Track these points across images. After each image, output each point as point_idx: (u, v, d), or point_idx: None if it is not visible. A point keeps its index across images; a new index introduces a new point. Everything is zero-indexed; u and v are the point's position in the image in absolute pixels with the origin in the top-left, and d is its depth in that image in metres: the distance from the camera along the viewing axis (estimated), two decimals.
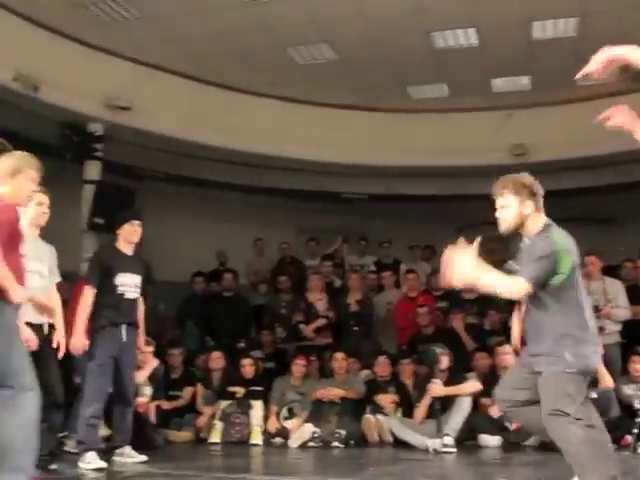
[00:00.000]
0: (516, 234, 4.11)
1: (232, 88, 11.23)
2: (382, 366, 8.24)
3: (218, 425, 7.98)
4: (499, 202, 4.10)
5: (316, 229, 11.98)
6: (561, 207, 12.40)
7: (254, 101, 11.34)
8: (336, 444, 7.50)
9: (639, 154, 10.96)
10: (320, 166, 11.67)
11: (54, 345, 5.52)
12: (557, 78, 11.31)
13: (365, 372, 8.57)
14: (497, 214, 4.12)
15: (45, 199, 5.60)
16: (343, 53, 10.83)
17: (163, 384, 8.22)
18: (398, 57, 10.85)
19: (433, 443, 7.11)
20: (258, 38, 10.17)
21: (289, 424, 8.06)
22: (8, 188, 4.18)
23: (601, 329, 7.87)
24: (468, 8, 9.66)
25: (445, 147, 11.09)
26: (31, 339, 4.93)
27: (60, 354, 5.56)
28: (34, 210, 5.49)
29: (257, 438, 7.83)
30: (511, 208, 4.06)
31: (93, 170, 10.45)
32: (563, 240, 3.97)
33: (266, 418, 8.10)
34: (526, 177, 4.16)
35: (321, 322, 9.33)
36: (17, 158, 4.28)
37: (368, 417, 7.77)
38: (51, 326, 5.62)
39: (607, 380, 7.34)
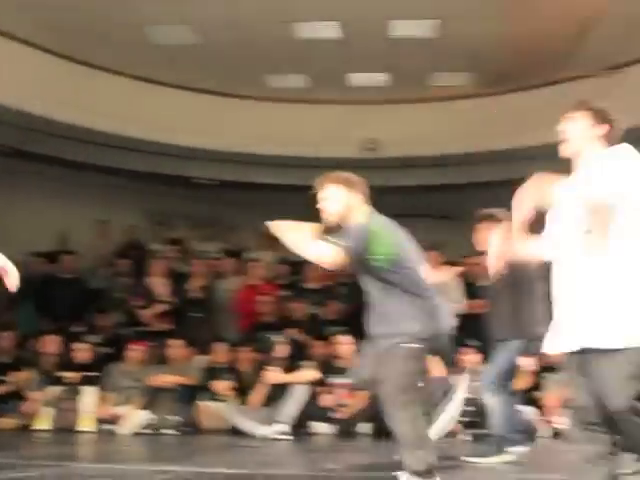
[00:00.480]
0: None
1: (83, 63, 10.78)
2: (220, 353, 8.15)
3: (46, 411, 7.65)
4: (323, 194, 4.15)
5: (164, 213, 11.72)
6: (408, 203, 12.85)
7: (105, 78, 10.94)
8: (170, 431, 7.36)
9: (482, 156, 11.46)
10: (171, 149, 11.39)
11: None
12: (413, 77, 11.63)
13: (203, 358, 8.44)
14: (321, 205, 4.17)
15: None
16: (202, 36, 10.65)
17: None
18: (258, 45, 10.79)
19: (266, 430, 7.07)
20: (114, 14, 9.84)
21: (122, 410, 7.83)
22: None
23: None
24: (332, 1, 9.71)
25: (298, 137, 11.11)
26: None
27: None
28: None
29: (88, 425, 7.61)
30: (337, 200, 4.12)
31: None
32: (380, 226, 4.03)
33: (99, 404, 7.84)
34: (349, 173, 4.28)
35: (161, 308, 9.11)
36: None
37: (203, 404, 7.66)
38: None
39: (438, 370, 7.55)
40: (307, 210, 4.32)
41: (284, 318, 8.99)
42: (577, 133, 3.45)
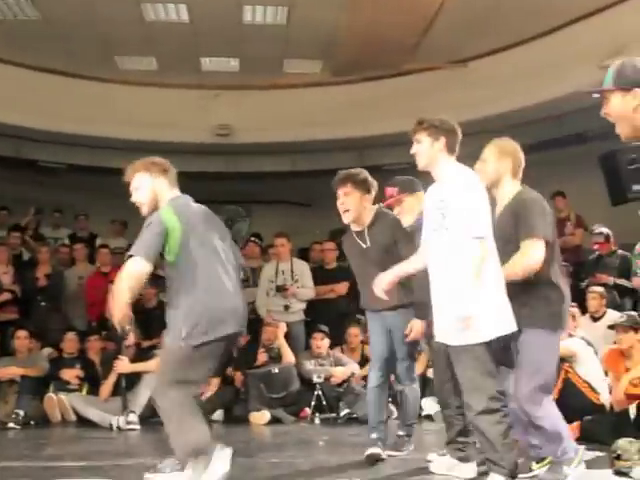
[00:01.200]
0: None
1: None
2: (69, 342, 7.96)
3: None
4: (133, 185, 4.17)
5: (7, 198, 11.20)
6: (263, 190, 12.93)
7: None
8: (13, 425, 7.12)
9: (337, 143, 11.67)
10: (15, 130, 10.93)
11: None
12: (265, 63, 11.66)
13: (49, 350, 8.21)
14: (134, 198, 4.19)
15: None
16: (46, 13, 10.25)
17: None
18: (107, 25, 10.50)
19: (117, 420, 7.01)
20: None
21: None
22: None
23: (287, 307, 8.29)
24: None
25: (149, 121, 10.93)
26: None
27: None
28: None
29: None
30: (144, 189, 4.15)
31: None
32: (170, 216, 4.03)
33: None
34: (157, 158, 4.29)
35: (5, 296, 8.79)
36: None
37: (50, 395, 7.47)
38: None
39: (289, 356, 7.71)
40: None
41: (134, 305, 8.85)
42: (423, 151, 3.97)
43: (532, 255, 3.85)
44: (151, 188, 4.13)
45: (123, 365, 7.26)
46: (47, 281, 9.08)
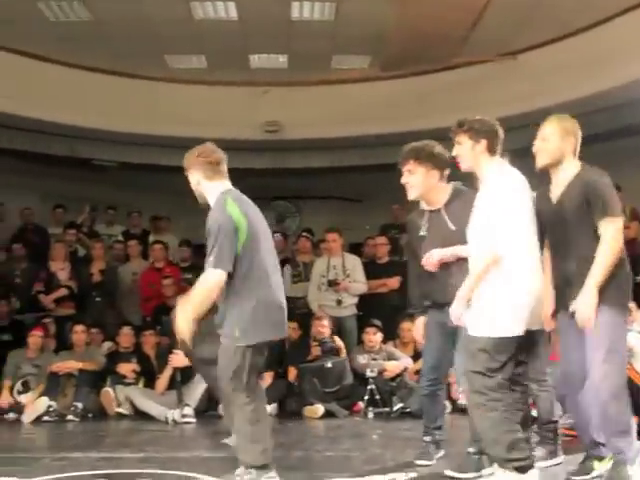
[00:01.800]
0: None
1: None
2: (125, 337, 8.09)
3: None
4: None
5: (63, 196, 11.43)
6: (312, 185, 12.97)
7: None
8: (72, 417, 7.27)
9: (385, 138, 11.63)
10: (69, 130, 11.12)
11: None
12: (313, 59, 11.70)
13: (108, 344, 8.36)
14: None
15: None
16: (98, 14, 10.43)
17: None
18: (157, 24, 10.65)
19: (173, 414, 7.08)
20: None
21: (23, 398, 7.70)
22: None
23: (339, 302, 8.30)
24: None
25: (199, 119, 11.00)
26: None
27: None
28: None
29: None
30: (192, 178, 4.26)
31: None
32: (236, 211, 4.06)
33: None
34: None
35: (62, 292, 8.97)
36: None
37: (107, 389, 7.60)
38: None
39: (344, 352, 7.74)
40: None
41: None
42: (465, 153, 3.98)
43: (617, 237, 3.79)
44: (197, 180, 4.20)
45: (178, 359, 7.29)
46: (101, 277, 9.23)
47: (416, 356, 7.91)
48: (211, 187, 4.18)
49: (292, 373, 7.80)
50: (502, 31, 10.45)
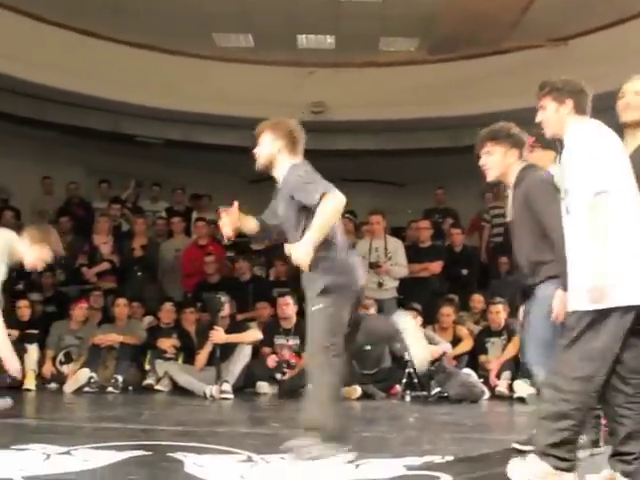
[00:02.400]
0: None
1: (25, 14, 10.48)
2: (166, 312, 8.16)
3: None
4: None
5: (108, 171, 11.54)
6: (355, 168, 12.91)
7: (47, 30, 10.65)
8: (112, 390, 7.37)
9: (431, 122, 11.51)
10: (114, 105, 11.20)
11: None
12: (361, 40, 11.60)
13: (149, 318, 8.44)
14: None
15: None
16: None
17: None
18: (205, 2, 10.64)
19: (211, 389, 7.14)
20: None
21: (65, 369, 7.83)
22: None
23: (380, 284, 8.28)
24: None
25: (244, 98, 11.01)
26: None
27: None
28: None
29: (30, 383, 7.53)
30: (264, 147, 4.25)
31: None
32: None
33: (41, 363, 7.80)
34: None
35: (104, 266, 9.10)
36: None
37: (148, 363, 7.69)
38: None
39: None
40: (252, 170, 4.34)
41: (229, 278, 9.03)
42: (549, 118, 3.62)
43: None
44: (271, 148, 4.19)
45: (218, 335, 7.37)
46: (143, 252, 9.33)
47: (454, 341, 7.91)
48: (287, 160, 4.21)
49: None
50: (554, 16, 10.26)
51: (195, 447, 4.27)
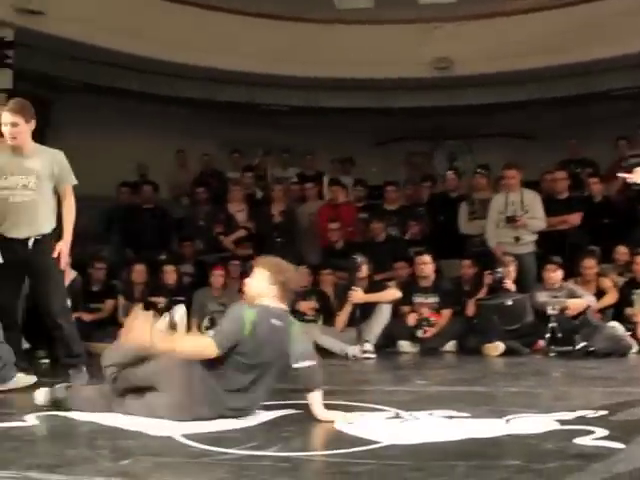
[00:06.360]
0: None
1: None
2: (303, 276, 8.26)
3: None
4: None
5: (238, 141, 11.77)
6: (484, 122, 12.65)
7: (169, 8, 10.90)
8: None
9: (561, 70, 11.08)
10: (238, 75, 11.38)
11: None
12: None
13: None
14: None
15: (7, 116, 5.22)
16: None
17: (81, 297, 8.06)
18: None
19: (353, 350, 7.21)
20: None
21: (211, 333, 8.06)
22: None
23: (517, 239, 8.12)
24: None
25: (367, 59, 10.94)
26: None
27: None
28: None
29: None
30: None
31: (4, 78, 9.94)
32: None
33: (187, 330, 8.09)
34: None
35: (241, 233, 9.31)
36: None
37: None
38: None
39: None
40: (378, 132, 4.30)
41: (363, 241, 9.08)
42: None
43: None
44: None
45: (358, 295, 7.40)
46: (281, 218, 9.46)
47: (598, 294, 7.69)
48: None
49: (470, 309, 7.76)
50: None
51: (343, 405, 4.35)
